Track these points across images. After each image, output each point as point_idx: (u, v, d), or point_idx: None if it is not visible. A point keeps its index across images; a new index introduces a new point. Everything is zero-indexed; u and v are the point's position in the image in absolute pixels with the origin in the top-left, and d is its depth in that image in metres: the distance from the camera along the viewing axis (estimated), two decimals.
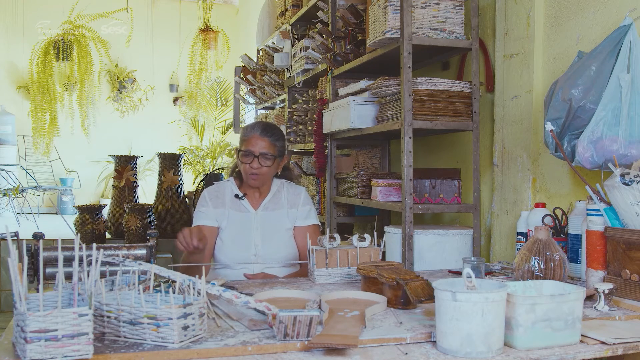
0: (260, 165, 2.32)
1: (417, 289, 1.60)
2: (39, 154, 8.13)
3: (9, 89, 8.96)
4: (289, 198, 2.45)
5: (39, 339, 1.14)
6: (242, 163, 2.34)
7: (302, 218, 2.44)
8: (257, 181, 2.36)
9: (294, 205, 2.44)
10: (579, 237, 2.06)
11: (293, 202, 2.45)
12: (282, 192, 2.46)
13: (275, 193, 2.45)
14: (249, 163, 2.32)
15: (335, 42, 3.36)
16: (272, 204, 2.43)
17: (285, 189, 2.48)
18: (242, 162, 2.34)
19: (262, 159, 2.32)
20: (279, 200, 2.44)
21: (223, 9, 9.68)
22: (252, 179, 2.35)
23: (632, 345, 1.37)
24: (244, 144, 2.35)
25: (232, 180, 2.47)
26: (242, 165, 2.34)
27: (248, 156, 2.32)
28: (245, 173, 2.35)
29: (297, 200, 2.46)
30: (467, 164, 3.00)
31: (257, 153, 2.32)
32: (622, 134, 1.97)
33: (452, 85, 2.65)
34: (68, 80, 8.17)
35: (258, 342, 1.31)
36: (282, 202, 2.44)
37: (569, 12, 2.47)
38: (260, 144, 2.33)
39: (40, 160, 8.32)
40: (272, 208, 2.42)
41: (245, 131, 2.41)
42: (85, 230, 4.89)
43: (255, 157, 2.31)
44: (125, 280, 1.58)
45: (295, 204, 2.45)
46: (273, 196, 2.44)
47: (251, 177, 2.34)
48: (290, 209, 2.44)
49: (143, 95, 9.48)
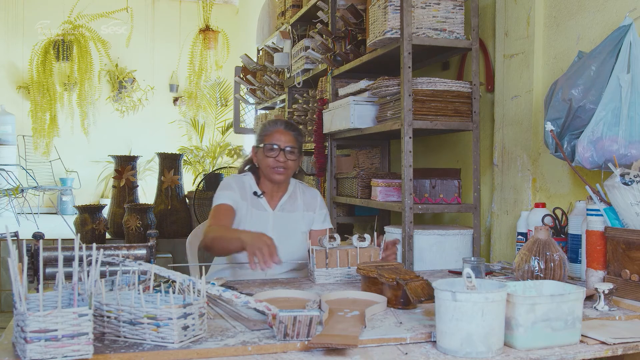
0: (286, 159, 2.28)
1: (417, 289, 1.60)
2: (39, 154, 8.13)
3: (9, 89, 8.96)
4: (305, 200, 2.42)
5: (39, 339, 1.14)
6: (267, 157, 2.29)
7: (319, 222, 2.42)
8: (283, 175, 2.30)
9: (310, 208, 2.41)
10: (579, 237, 2.06)
11: (310, 205, 2.42)
12: (297, 192, 2.43)
13: (291, 194, 2.41)
14: (275, 157, 2.28)
15: (335, 42, 3.36)
16: (289, 205, 2.38)
17: (300, 190, 2.44)
18: (266, 157, 2.29)
19: (288, 153, 2.29)
20: (295, 202, 2.40)
21: (223, 9, 9.67)
22: (277, 174, 2.29)
23: (632, 345, 1.37)
24: (267, 138, 2.31)
25: (250, 176, 2.40)
26: (265, 159, 2.29)
27: (273, 150, 2.28)
28: (268, 168, 2.30)
29: (314, 203, 2.43)
30: (467, 164, 3.00)
31: (283, 147, 2.28)
32: (622, 134, 1.97)
33: (452, 85, 2.65)
34: (68, 80, 8.16)
35: (258, 342, 1.31)
36: (298, 204, 2.40)
37: (569, 12, 2.47)
38: (285, 138, 2.30)
39: (40, 160, 8.31)
40: (288, 209, 2.38)
41: (266, 126, 2.36)
42: (85, 230, 4.89)
43: (281, 150, 2.28)
44: (125, 280, 1.58)
45: (312, 207, 2.42)
46: (289, 197, 2.40)
47: (276, 172, 2.29)
48: (306, 211, 2.40)
49: (143, 95, 9.48)
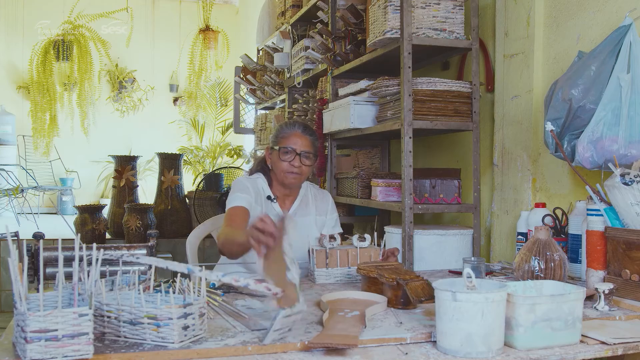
0: (301, 164, 2.25)
1: (417, 289, 1.60)
2: (39, 154, 8.12)
3: (9, 89, 8.96)
4: (317, 204, 2.41)
5: (39, 339, 1.14)
6: (282, 161, 2.25)
7: (330, 226, 2.41)
8: (297, 180, 2.28)
9: (322, 212, 2.40)
10: (579, 237, 2.06)
11: (321, 209, 2.41)
12: (309, 195, 2.41)
13: (302, 197, 2.39)
14: (290, 161, 2.24)
15: (335, 42, 3.36)
16: (301, 210, 2.36)
17: (312, 193, 2.43)
18: (281, 160, 2.25)
19: (304, 157, 2.26)
20: (307, 206, 2.38)
21: (223, 9, 9.67)
22: (291, 178, 2.26)
23: (632, 345, 1.37)
24: (284, 141, 2.27)
25: (262, 178, 2.36)
26: (280, 163, 2.25)
27: (289, 154, 2.24)
28: (282, 172, 2.26)
29: (325, 207, 2.42)
30: (467, 164, 2.99)
31: (299, 151, 2.25)
32: (622, 134, 1.97)
33: (452, 85, 2.65)
34: (68, 80, 8.16)
35: (258, 342, 1.31)
36: (310, 208, 2.38)
37: (569, 12, 2.47)
38: (302, 142, 2.26)
39: (40, 160, 8.31)
40: (301, 214, 2.35)
41: (283, 129, 2.32)
42: (85, 230, 4.89)
43: (297, 154, 2.25)
44: (125, 280, 1.58)
45: (324, 211, 2.41)
46: (301, 201, 2.38)
47: (291, 176, 2.26)
48: (318, 216, 2.39)
49: (143, 95, 9.48)
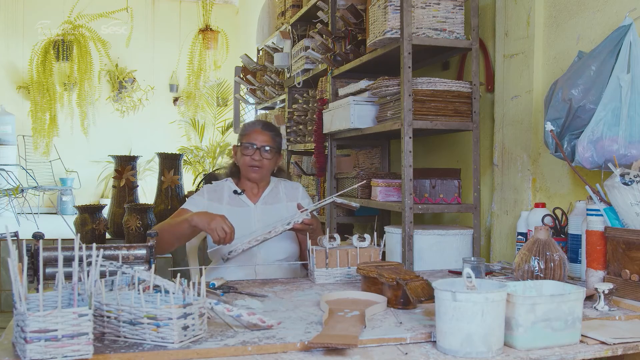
0: (261, 157, 2.39)
1: (417, 289, 1.60)
2: (39, 154, 8.13)
3: (9, 89, 8.96)
4: (287, 192, 2.51)
5: (39, 339, 1.14)
6: (243, 156, 2.40)
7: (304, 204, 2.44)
8: (258, 174, 2.41)
9: (293, 198, 2.49)
10: (579, 237, 2.06)
11: (292, 195, 2.51)
12: (279, 187, 2.52)
13: (272, 188, 2.50)
14: (251, 155, 2.39)
15: (335, 42, 3.35)
16: (271, 198, 2.48)
17: (282, 185, 2.54)
18: (242, 155, 2.41)
19: (263, 151, 2.39)
20: (277, 195, 2.50)
21: (223, 9, 9.67)
22: (252, 172, 2.40)
23: (632, 345, 1.37)
24: (245, 137, 2.43)
25: (230, 180, 2.52)
26: (243, 158, 2.41)
27: (249, 148, 2.39)
28: (245, 166, 2.41)
29: (295, 193, 2.52)
30: (467, 164, 2.99)
31: (258, 145, 2.39)
32: (622, 134, 1.97)
33: (452, 85, 2.65)
34: (68, 80, 8.17)
35: (258, 342, 1.31)
36: (280, 197, 2.50)
37: (569, 12, 2.47)
38: (262, 137, 2.41)
39: (40, 160, 8.32)
40: (271, 202, 2.47)
41: (245, 127, 2.50)
42: (85, 230, 4.88)
43: (257, 149, 2.38)
44: (125, 280, 1.58)
45: (295, 197, 2.50)
46: (271, 191, 2.49)
47: (252, 170, 2.40)
48: (289, 202, 2.48)
49: (143, 95, 9.48)
